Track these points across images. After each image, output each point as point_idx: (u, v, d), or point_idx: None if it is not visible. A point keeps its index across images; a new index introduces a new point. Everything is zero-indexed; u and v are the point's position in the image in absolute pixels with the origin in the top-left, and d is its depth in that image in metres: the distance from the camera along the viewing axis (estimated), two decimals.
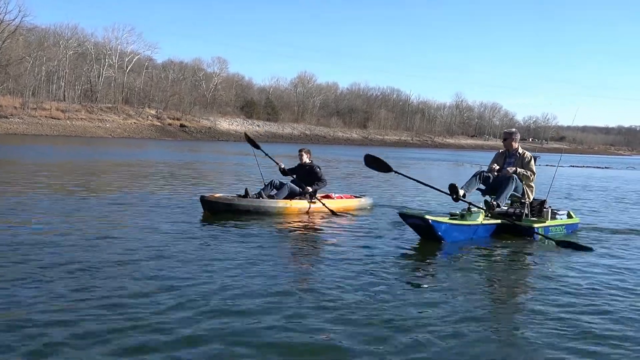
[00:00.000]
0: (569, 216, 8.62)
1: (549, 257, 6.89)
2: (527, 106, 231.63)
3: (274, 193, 9.52)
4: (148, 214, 8.59)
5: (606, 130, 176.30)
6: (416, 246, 7.18)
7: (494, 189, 8.21)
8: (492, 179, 8.30)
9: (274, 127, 78.98)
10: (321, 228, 8.40)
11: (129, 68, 74.86)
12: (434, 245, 7.15)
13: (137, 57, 77.42)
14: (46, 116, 55.41)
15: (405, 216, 7.55)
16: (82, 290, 4.49)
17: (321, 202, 9.68)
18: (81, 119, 58.16)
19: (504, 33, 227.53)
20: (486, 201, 8.13)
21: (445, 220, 7.47)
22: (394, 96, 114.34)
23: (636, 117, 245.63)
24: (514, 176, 8.16)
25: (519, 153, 8.55)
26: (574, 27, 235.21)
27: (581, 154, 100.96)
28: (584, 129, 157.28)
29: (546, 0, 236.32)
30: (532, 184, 8.41)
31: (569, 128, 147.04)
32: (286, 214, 9.23)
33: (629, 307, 4.83)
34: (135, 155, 26.50)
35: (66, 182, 12.90)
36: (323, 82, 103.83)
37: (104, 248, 6.06)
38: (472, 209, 7.82)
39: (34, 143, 34.00)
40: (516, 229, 7.93)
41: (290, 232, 8.00)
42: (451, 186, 7.82)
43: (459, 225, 7.49)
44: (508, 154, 8.67)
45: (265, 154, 10.37)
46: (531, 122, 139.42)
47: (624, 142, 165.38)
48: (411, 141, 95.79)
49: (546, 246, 7.52)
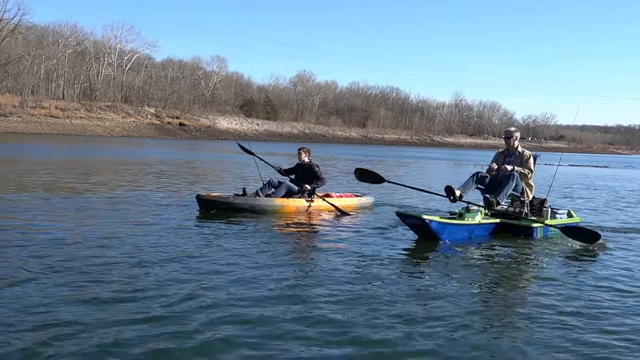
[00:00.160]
0: (569, 215, 8.59)
1: (549, 256, 6.88)
2: (526, 105, 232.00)
3: (271, 192, 9.50)
4: (146, 213, 8.57)
5: (605, 129, 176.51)
6: (415, 246, 7.17)
7: (492, 188, 8.19)
8: (489, 179, 8.29)
9: (273, 126, 78.92)
10: (319, 227, 8.38)
11: (128, 66, 74.81)
12: (432, 245, 7.13)
13: (136, 55, 77.44)
14: (45, 115, 55.31)
15: (403, 216, 7.53)
16: (83, 290, 4.49)
17: (325, 200, 9.67)
18: (80, 117, 58.07)
19: (503, 32, 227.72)
20: (486, 198, 8.11)
21: (442, 220, 7.46)
22: (393, 95, 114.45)
23: (635, 116, 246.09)
24: (514, 173, 8.14)
25: (518, 152, 8.54)
26: (573, 26, 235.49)
27: (580, 153, 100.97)
28: (583, 127, 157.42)
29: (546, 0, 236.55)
30: (531, 182, 8.40)
31: (568, 127, 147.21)
32: (283, 212, 9.21)
33: (629, 306, 4.82)
34: (134, 154, 26.47)
35: (66, 181, 12.87)
36: (322, 81, 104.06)
37: (103, 247, 6.04)
38: (472, 207, 7.81)
39: (33, 142, 33.96)
40: (515, 228, 7.92)
41: (287, 231, 7.99)
42: (447, 188, 7.83)
43: (456, 225, 7.47)
44: (508, 152, 8.66)
45: (260, 159, 10.38)
46: (530, 121, 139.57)
47: (623, 141, 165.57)
48: (410, 140, 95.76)
49: (545, 245, 7.51)
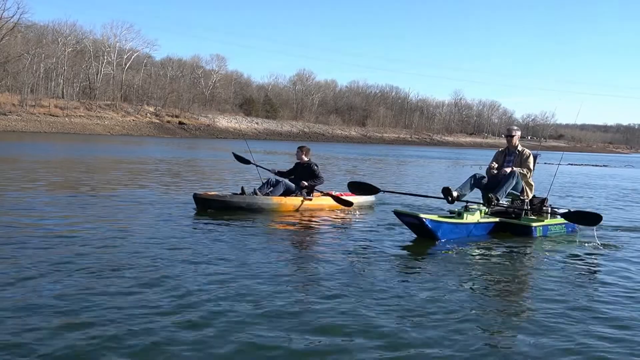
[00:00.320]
0: None
1: (548, 255, 6.88)
2: (525, 104, 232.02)
3: (270, 191, 9.53)
4: (144, 212, 8.58)
5: (605, 128, 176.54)
6: (414, 245, 7.16)
7: (490, 189, 8.18)
8: (488, 180, 8.29)
9: (272, 125, 78.84)
10: (317, 225, 8.38)
11: (127, 65, 74.69)
12: (430, 244, 7.12)
13: (135, 54, 77.30)
14: (44, 113, 55.20)
15: (400, 214, 7.51)
16: (84, 289, 4.49)
17: (327, 194, 9.68)
18: (80, 116, 57.97)
19: (502, 31, 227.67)
20: (485, 195, 8.08)
21: (440, 219, 7.45)
22: (393, 94, 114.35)
23: (635, 115, 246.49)
24: (514, 172, 8.14)
25: (518, 150, 8.55)
26: (573, 25, 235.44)
27: (580, 152, 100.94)
28: (582, 127, 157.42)
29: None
30: (531, 181, 8.40)
31: (567, 126, 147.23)
32: (281, 211, 9.21)
33: (629, 305, 4.83)
34: (133, 153, 26.45)
35: (66, 180, 12.87)
36: (322, 80, 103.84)
37: (102, 246, 6.04)
38: (471, 206, 7.81)
39: (32, 140, 33.91)
40: (515, 227, 7.91)
41: (284, 229, 8.00)
42: (444, 189, 7.84)
43: (454, 224, 7.46)
44: (508, 151, 8.67)
45: (257, 165, 10.39)
46: (530, 120, 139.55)
47: (623, 140, 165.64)
48: (410, 139, 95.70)
49: (545, 244, 7.51)
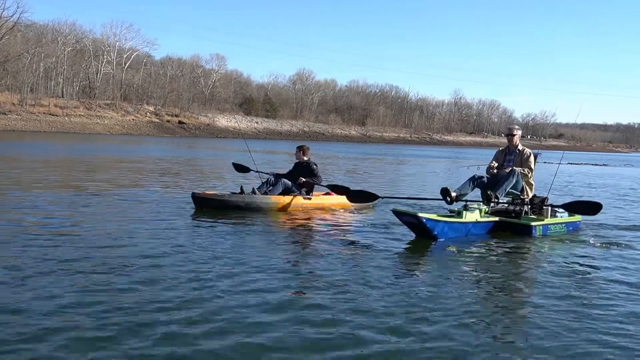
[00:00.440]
0: (571, 214, 8.54)
1: (548, 254, 6.89)
2: (525, 104, 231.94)
3: (269, 190, 9.55)
4: (143, 211, 8.61)
5: (604, 128, 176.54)
6: (413, 244, 7.15)
7: (490, 188, 8.15)
8: (488, 180, 8.27)
9: (272, 124, 78.79)
10: (316, 224, 8.38)
11: (127, 65, 74.65)
12: (430, 243, 7.12)
13: (135, 53, 77.26)
14: (44, 113, 55.14)
15: (399, 213, 7.49)
16: (84, 289, 4.50)
17: (329, 187, 9.64)
18: (79, 115, 57.91)
19: (502, 31, 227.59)
20: (484, 192, 8.04)
21: (439, 218, 7.44)
22: (393, 93, 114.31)
23: (635, 114, 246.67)
24: (515, 170, 8.12)
25: (518, 150, 8.53)
26: (573, 24, 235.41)
27: (579, 151, 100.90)
28: (582, 126, 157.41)
29: None
30: (531, 181, 8.38)
31: (567, 125, 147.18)
32: (279, 210, 9.21)
33: (629, 303, 4.82)
34: (133, 152, 26.44)
35: (65, 179, 12.89)
36: (322, 79, 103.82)
37: (101, 245, 6.05)
38: (471, 205, 7.79)
39: (32, 140, 33.87)
40: (515, 226, 7.89)
41: (282, 228, 8.01)
42: (443, 190, 7.82)
43: (453, 223, 7.44)
44: (508, 151, 8.65)
45: (256, 171, 10.39)
46: (530, 119, 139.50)
47: (623, 139, 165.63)
48: (410, 138, 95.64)
49: (544, 243, 7.50)
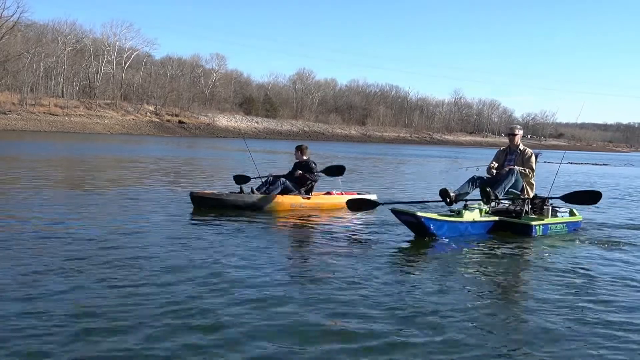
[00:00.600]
0: (572, 214, 8.52)
1: (548, 254, 6.88)
2: (525, 103, 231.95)
3: (268, 189, 9.54)
4: (142, 210, 8.64)
5: (605, 127, 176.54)
6: (413, 243, 7.13)
7: (489, 187, 8.14)
8: (487, 181, 8.25)
9: (272, 124, 78.80)
10: (314, 224, 8.37)
11: (127, 64, 74.65)
12: (430, 242, 7.10)
13: (135, 53, 77.26)
14: (44, 112, 55.14)
15: (398, 212, 7.46)
16: (83, 288, 4.50)
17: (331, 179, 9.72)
18: (79, 115, 57.91)
19: (502, 30, 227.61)
20: (483, 190, 7.97)
21: (438, 217, 7.41)
22: (393, 93, 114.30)
23: (635, 113, 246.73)
24: (514, 169, 8.10)
25: (519, 150, 8.51)
26: (573, 24, 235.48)
27: (580, 150, 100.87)
28: (582, 125, 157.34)
29: None
30: (532, 180, 8.36)
31: (567, 125, 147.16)
32: (278, 209, 9.21)
33: (630, 303, 4.82)
34: (133, 152, 26.45)
35: (66, 179, 12.90)
36: (322, 79, 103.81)
37: (101, 245, 6.05)
38: (471, 205, 7.78)
39: (32, 139, 33.87)
40: (515, 226, 7.87)
41: (280, 227, 8.02)
42: (442, 191, 7.81)
43: (452, 222, 7.42)
44: (509, 150, 8.63)
45: (257, 177, 10.30)
46: (530, 119, 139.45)
47: (623, 138, 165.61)
48: (410, 138, 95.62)
49: (545, 243, 7.49)
